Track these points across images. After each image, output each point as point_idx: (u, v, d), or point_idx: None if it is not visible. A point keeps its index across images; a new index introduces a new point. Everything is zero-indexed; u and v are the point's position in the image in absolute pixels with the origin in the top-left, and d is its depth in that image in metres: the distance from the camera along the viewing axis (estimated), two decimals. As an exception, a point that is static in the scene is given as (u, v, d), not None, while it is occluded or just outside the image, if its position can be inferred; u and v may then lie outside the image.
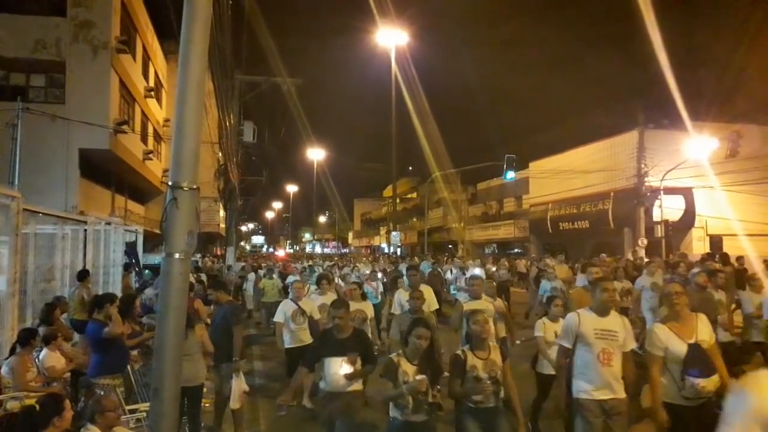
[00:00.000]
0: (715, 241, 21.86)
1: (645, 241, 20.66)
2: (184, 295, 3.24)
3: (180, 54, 3.22)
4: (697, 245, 21.84)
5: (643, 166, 21.52)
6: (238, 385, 6.28)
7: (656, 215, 21.37)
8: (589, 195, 24.90)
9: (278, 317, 7.24)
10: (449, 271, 17.12)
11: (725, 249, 18.49)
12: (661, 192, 20.99)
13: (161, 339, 3.18)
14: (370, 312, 7.65)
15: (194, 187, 3.17)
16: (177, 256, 3.12)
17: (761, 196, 21.21)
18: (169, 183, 3.15)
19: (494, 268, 17.37)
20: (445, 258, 23.82)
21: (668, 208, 21.41)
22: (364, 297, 7.64)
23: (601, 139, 25.34)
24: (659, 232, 21.22)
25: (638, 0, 13.50)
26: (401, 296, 7.61)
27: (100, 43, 18.95)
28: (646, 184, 21.43)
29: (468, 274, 12.65)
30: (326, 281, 8.42)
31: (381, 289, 12.32)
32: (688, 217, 22.38)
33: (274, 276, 14.69)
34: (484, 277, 12.86)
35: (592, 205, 24.93)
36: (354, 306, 6.46)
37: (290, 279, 14.87)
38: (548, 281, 10.65)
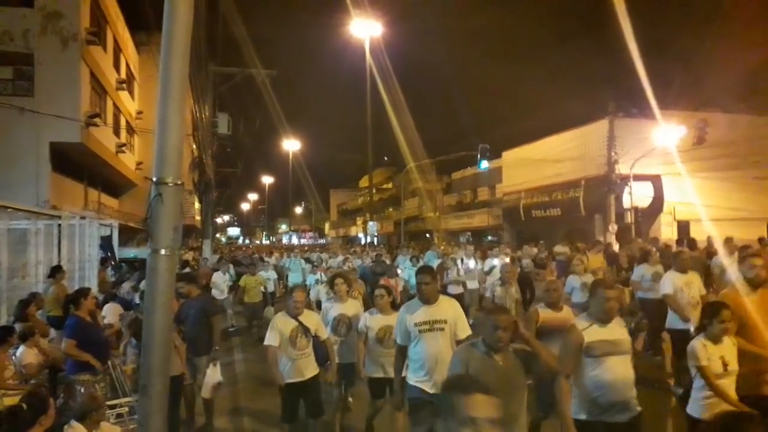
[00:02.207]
0: (683, 227, 22.47)
1: (615, 227, 21.14)
2: (171, 291, 3.25)
3: (162, 47, 3.13)
4: (666, 231, 22.39)
5: (613, 154, 21.92)
6: (213, 375, 6.30)
7: (626, 202, 21.84)
8: (561, 183, 25.31)
9: (270, 339, 5.23)
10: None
11: (692, 234, 19.11)
12: (631, 179, 21.45)
13: (149, 335, 3.16)
14: None
15: (179, 182, 3.16)
16: (163, 252, 3.12)
17: (726, 182, 21.85)
18: (154, 179, 3.12)
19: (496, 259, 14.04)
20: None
21: (638, 195, 21.89)
22: (394, 305, 5.74)
23: (572, 128, 25.72)
24: (629, 218, 21.72)
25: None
26: (406, 318, 4.64)
27: (70, 35, 18.61)
28: (616, 171, 21.86)
29: (462, 265, 12.08)
30: (342, 281, 6.33)
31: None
32: (657, 203, 22.93)
33: (261, 272, 13.65)
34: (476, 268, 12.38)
35: (564, 193, 25.36)
36: (383, 321, 5.51)
37: (311, 278, 13.10)
38: (577, 276, 8.50)
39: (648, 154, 20.54)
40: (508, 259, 12.70)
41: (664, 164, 21.57)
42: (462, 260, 12.49)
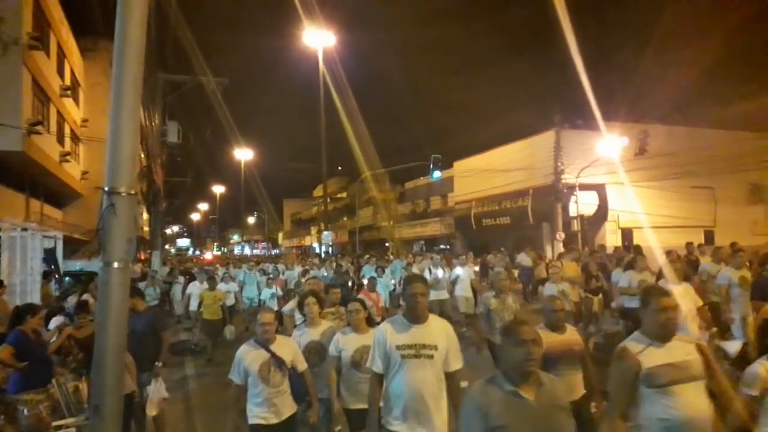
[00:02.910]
0: (626, 234, 23.36)
1: (563, 235, 21.80)
2: (124, 306, 3.16)
3: (115, 53, 3.05)
4: (611, 238, 23.23)
5: (559, 164, 22.65)
6: (157, 390, 6.08)
7: (572, 210, 22.56)
8: (510, 192, 25.92)
9: (234, 375, 4.48)
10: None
11: (636, 241, 19.89)
12: (577, 188, 22.17)
13: (101, 352, 3.05)
14: None
15: (132, 192, 3.07)
16: (116, 264, 3.03)
17: (666, 191, 22.85)
18: (106, 188, 3.02)
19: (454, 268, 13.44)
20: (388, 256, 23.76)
21: (583, 204, 22.64)
22: (370, 322, 4.98)
23: (520, 138, 26.44)
24: (575, 226, 22.43)
25: (555, 7, 14.23)
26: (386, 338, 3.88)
27: (10, 39, 17.88)
28: (563, 181, 22.57)
29: (431, 275, 11.47)
30: (314, 301, 5.32)
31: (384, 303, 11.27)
32: (602, 211, 23.77)
33: (221, 285, 12.53)
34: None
35: (513, 202, 25.97)
36: (358, 341, 4.69)
37: (267, 292, 12.77)
38: (554, 284, 8.17)
39: (592, 164, 21.29)
40: (476, 268, 12.63)
41: (608, 174, 22.38)
42: (430, 270, 12.09)
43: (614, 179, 22.55)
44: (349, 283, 14.63)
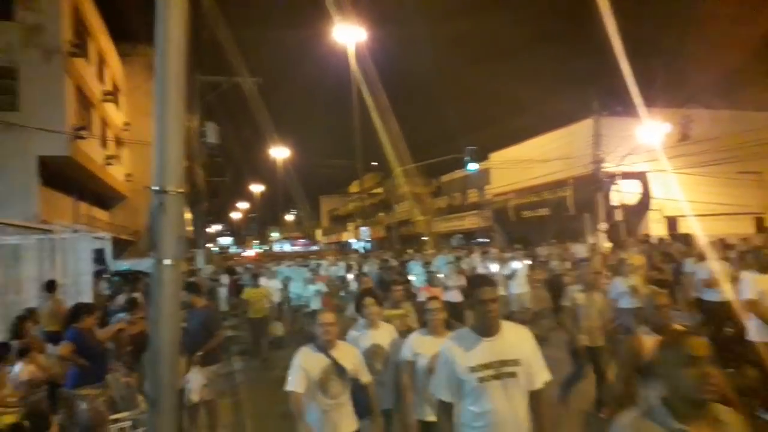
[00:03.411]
0: (672, 223, 22.75)
1: (605, 226, 21.35)
2: (176, 302, 3.17)
3: (157, 53, 3.06)
4: (655, 227, 22.67)
5: (599, 152, 22.17)
6: (196, 378, 6.21)
7: (614, 200, 22.08)
8: (549, 183, 25.53)
9: (294, 383, 3.98)
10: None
11: (681, 230, 19.36)
12: (618, 177, 21.68)
13: (156, 348, 3.06)
14: None
15: (180, 190, 3.07)
16: (167, 262, 3.04)
17: (711, 178, 22.14)
18: (155, 188, 3.02)
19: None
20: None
21: (625, 193, 22.13)
22: (449, 324, 4.49)
23: (558, 127, 26.00)
24: (618, 216, 21.94)
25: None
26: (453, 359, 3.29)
27: (53, 48, 18.53)
28: (603, 170, 22.10)
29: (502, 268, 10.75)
30: (373, 301, 4.84)
31: None
32: (645, 200, 23.20)
33: (263, 282, 12.31)
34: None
35: (552, 193, 25.58)
36: (437, 345, 3.87)
37: (311, 288, 12.18)
38: (623, 278, 7.62)
39: (634, 152, 20.77)
40: (528, 261, 11.65)
41: (650, 161, 21.83)
42: (484, 266, 11.49)
43: (656, 167, 21.98)
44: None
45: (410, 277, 13.10)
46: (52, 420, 3.97)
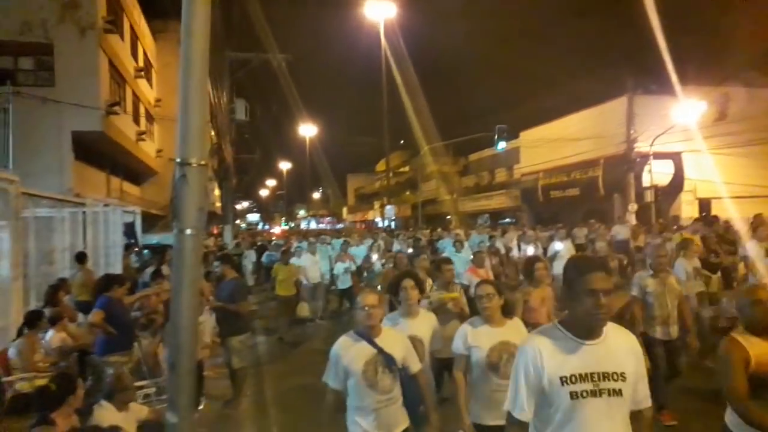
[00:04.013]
0: (704, 205, 22.21)
1: (635, 206, 20.97)
2: (197, 270, 3.26)
3: (182, 27, 3.11)
4: (686, 209, 22.17)
5: (632, 132, 21.67)
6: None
7: (646, 181, 21.63)
8: (579, 162, 25.10)
9: (331, 377, 3.51)
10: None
11: (714, 212, 18.90)
12: (651, 157, 21.20)
13: (176, 314, 3.17)
14: None
15: (203, 163, 3.15)
16: (188, 232, 3.13)
17: (748, 158, 21.48)
18: (177, 159, 3.10)
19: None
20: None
21: (658, 173, 21.65)
22: (507, 311, 3.91)
23: (590, 106, 25.45)
24: (649, 197, 21.51)
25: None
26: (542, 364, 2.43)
27: (87, 24, 18.77)
28: (636, 149, 21.62)
29: (520, 253, 10.06)
30: (413, 284, 4.24)
31: None
32: (678, 181, 22.66)
33: (294, 260, 11.77)
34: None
35: (582, 173, 25.16)
36: (495, 336, 3.70)
37: (340, 267, 11.93)
38: (685, 260, 7.37)
39: (668, 132, 20.25)
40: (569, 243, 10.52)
41: (685, 141, 21.27)
42: (519, 246, 10.51)
43: (691, 147, 21.42)
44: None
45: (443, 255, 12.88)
46: (79, 384, 4.10)
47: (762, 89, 22.68)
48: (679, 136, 20.79)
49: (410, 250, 13.50)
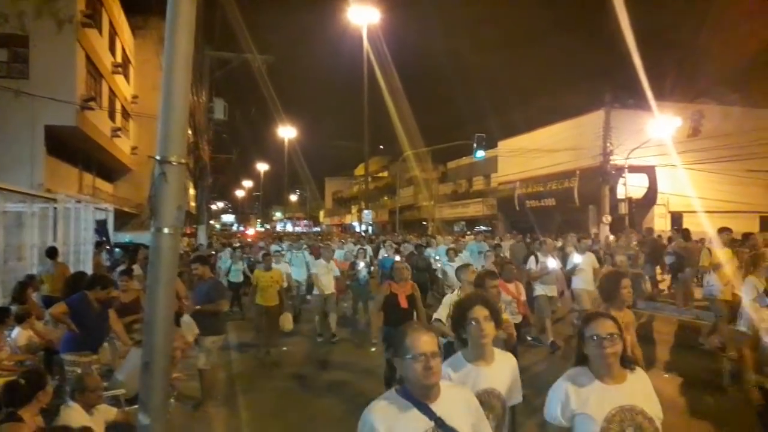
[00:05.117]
0: (676, 218, 22.66)
1: (609, 218, 21.29)
2: (173, 269, 3.26)
3: (167, 24, 3.10)
4: (659, 222, 22.58)
5: (608, 145, 22.03)
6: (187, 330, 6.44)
7: (620, 193, 21.99)
8: (556, 173, 25.42)
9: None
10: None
11: (685, 225, 19.28)
12: (626, 170, 21.57)
13: (151, 313, 3.17)
14: None
15: (182, 161, 3.15)
16: (166, 230, 3.11)
17: (720, 174, 21.99)
18: (157, 157, 3.09)
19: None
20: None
21: (632, 186, 22.03)
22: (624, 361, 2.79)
23: (568, 118, 25.83)
24: (623, 209, 21.86)
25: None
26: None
27: (65, 17, 18.48)
28: (611, 162, 21.98)
29: (537, 266, 8.88)
30: (487, 314, 2.88)
31: None
32: (651, 194, 23.10)
33: (276, 263, 10.41)
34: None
35: (559, 183, 25.48)
36: (619, 398, 2.56)
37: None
38: (756, 278, 6.00)
39: (643, 146, 20.63)
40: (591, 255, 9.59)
41: (659, 156, 21.67)
42: (536, 257, 9.13)
43: (665, 161, 21.83)
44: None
45: (437, 265, 12.18)
46: (48, 381, 4.00)
47: (735, 107, 23.28)
48: (654, 150, 21.20)
49: (397, 257, 12.79)
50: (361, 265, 11.97)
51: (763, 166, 22.98)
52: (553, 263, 9.13)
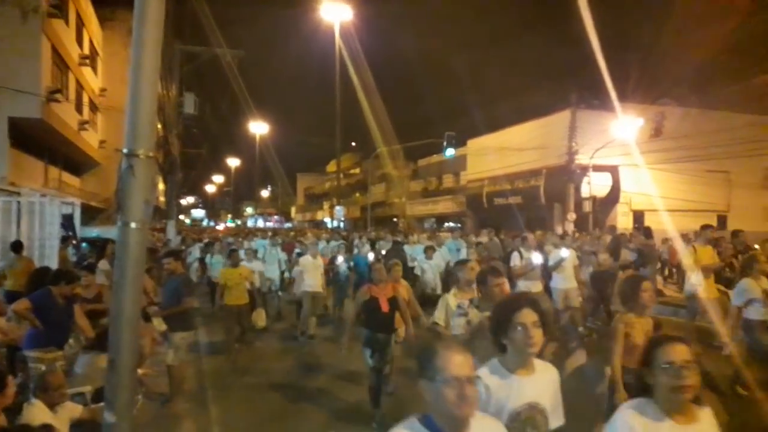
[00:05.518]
0: (638, 216, 23.30)
1: (574, 216, 21.79)
2: (141, 265, 3.20)
3: (135, 15, 3.05)
4: (622, 220, 23.17)
5: (574, 144, 22.52)
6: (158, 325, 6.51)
7: (585, 191, 22.50)
8: (523, 172, 25.85)
9: None
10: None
11: (647, 223, 19.86)
12: (590, 169, 22.08)
13: (118, 310, 3.12)
14: None
15: (151, 155, 3.11)
16: (133, 225, 3.07)
17: (680, 174, 22.69)
18: (125, 150, 3.05)
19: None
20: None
21: (596, 185, 22.57)
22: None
23: (535, 118, 26.30)
24: (587, 207, 22.39)
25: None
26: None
27: (30, 7, 18.08)
28: (576, 161, 22.47)
29: (522, 262, 8.52)
30: (535, 320, 2.49)
31: None
32: (614, 193, 23.68)
33: (249, 262, 10.37)
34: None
35: (526, 182, 25.94)
36: None
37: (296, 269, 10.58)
38: (753, 280, 6.35)
39: (607, 145, 21.15)
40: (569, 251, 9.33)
41: (623, 155, 22.23)
42: (520, 253, 8.84)
43: (628, 161, 22.41)
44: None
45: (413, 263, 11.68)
46: (10, 381, 3.94)
47: (694, 109, 24.01)
48: (618, 150, 21.74)
49: (371, 256, 12.30)
50: (341, 260, 11.60)
51: (720, 167, 23.80)
52: (538, 259, 8.76)
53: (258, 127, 50.33)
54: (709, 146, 21.49)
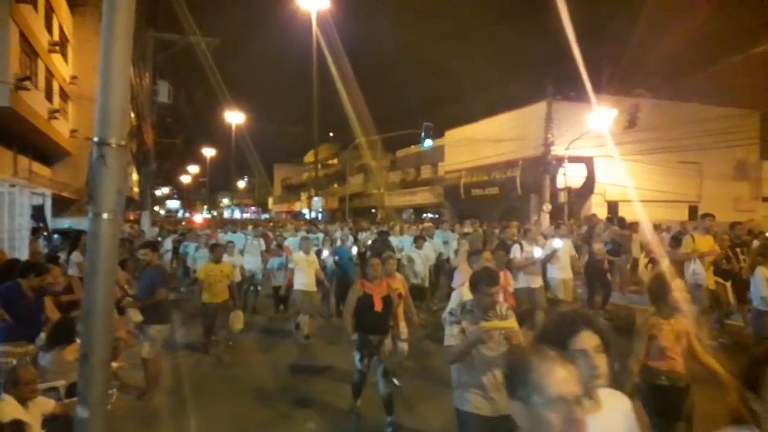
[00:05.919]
0: (612, 207, 23.67)
1: (549, 207, 22.05)
2: (113, 257, 3.14)
3: (104, 0, 2.93)
4: (596, 210, 23.49)
5: (550, 135, 22.73)
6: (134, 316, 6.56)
7: (560, 182, 22.76)
8: (500, 163, 26.06)
9: None
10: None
11: (621, 214, 20.17)
12: (566, 161, 22.32)
13: (90, 303, 3.04)
14: None
15: (122, 143, 2.97)
16: (105, 216, 2.99)
17: (653, 165, 23.08)
18: (95, 139, 2.92)
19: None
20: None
21: (571, 176, 22.84)
22: None
23: (512, 109, 26.49)
24: (563, 198, 22.66)
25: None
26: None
27: (-4, -8, 17.62)
28: (552, 153, 22.69)
29: (522, 254, 8.25)
30: (597, 344, 1.99)
31: None
32: (589, 184, 24.01)
33: (230, 255, 10.15)
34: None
35: (502, 173, 26.14)
36: None
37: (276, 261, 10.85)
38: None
39: (582, 137, 21.39)
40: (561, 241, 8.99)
41: (598, 147, 22.52)
42: (521, 245, 8.51)
43: (603, 152, 22.71)
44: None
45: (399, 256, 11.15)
46: None
47: (667, 101, 24.40)
48: (593, 141, 22.02)
49: (354, 249, 12.13)
50: (326, 253, 11.29)
51: (693, 158, 24.26)
52: (539, 252, 8.35)
53: (234, 117, 49.78)
54: (681, 138, 21.90)
